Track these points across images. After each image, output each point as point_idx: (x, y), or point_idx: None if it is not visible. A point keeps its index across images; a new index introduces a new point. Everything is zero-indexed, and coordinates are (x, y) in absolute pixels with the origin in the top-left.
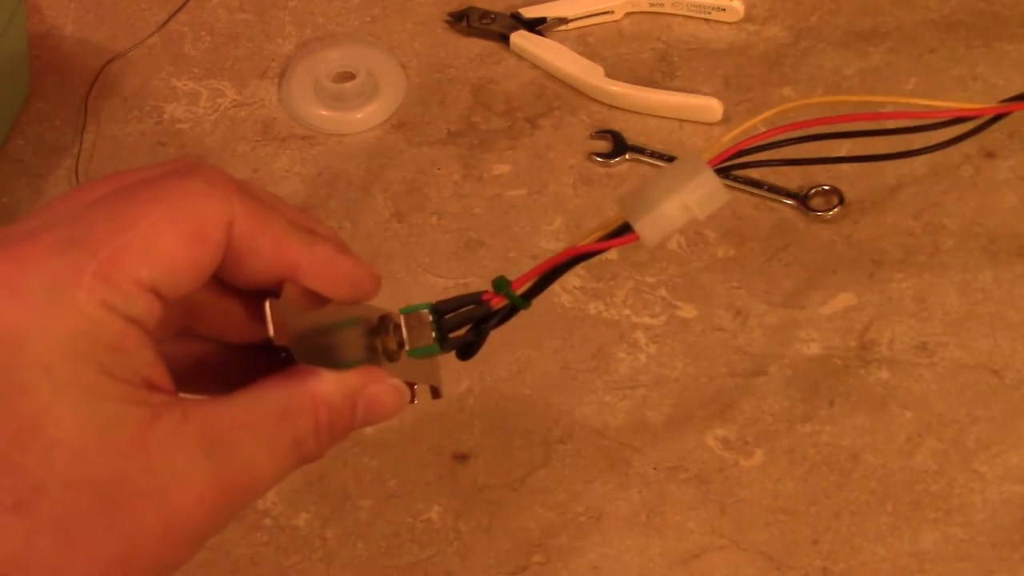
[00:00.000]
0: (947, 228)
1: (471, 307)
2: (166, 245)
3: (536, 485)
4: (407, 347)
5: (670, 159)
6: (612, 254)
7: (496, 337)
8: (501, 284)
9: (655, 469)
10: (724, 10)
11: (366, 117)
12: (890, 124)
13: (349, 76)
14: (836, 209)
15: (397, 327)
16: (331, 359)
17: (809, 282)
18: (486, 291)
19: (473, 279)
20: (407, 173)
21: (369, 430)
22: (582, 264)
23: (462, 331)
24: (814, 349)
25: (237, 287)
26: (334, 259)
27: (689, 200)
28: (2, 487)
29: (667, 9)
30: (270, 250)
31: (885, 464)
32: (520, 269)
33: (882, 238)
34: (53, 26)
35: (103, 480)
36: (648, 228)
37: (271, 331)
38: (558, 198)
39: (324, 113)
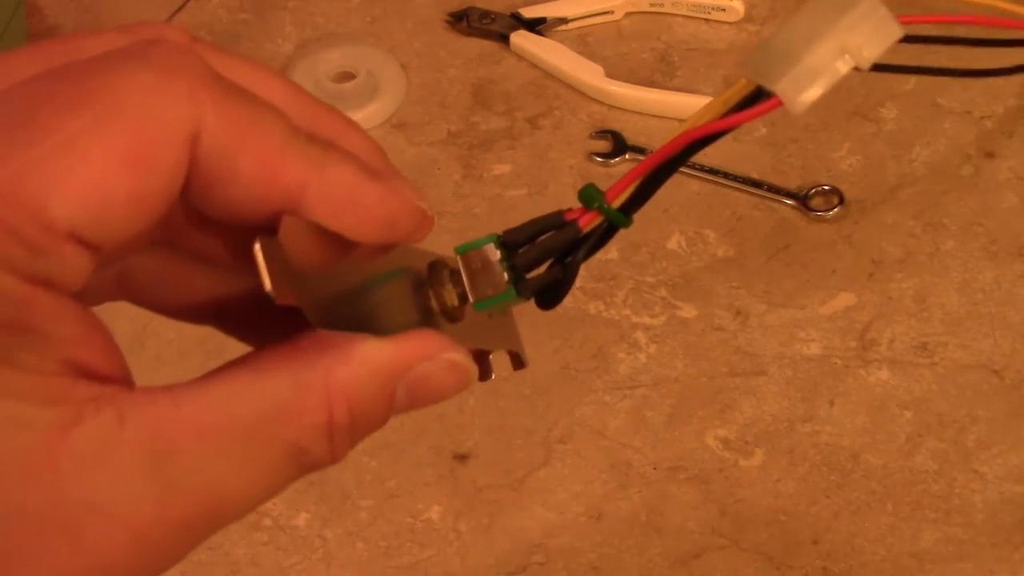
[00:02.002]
0: (947, 228)
1: (552, 233)
2: (91, 169)
3: (536, 485)
4: (471, 299)
5: None
6: (612, 253)
7: None
8: (591, 195)
9: (655, 469)
10: (724, 10)
11: (366, 117)
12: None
13: (349, 76)
14: (836, 209)
15: (455, 273)
16: (365, 326)
17: (809, 282)
18: (569, 208)
19: None
20: (407, 173)
21: None
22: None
23: (542, 269)
24: (814, 349)
25: (218, 221)
26: (355, 185)
27: (848, 40)
28: None
29: (667, 9)
30: (256, 173)
31: (885, 464)
32: None
33: (882, 238)
34: (53, 26)
35: None
36: (792, 88)
37: (267, 284)
38: (558, 198)
39: None
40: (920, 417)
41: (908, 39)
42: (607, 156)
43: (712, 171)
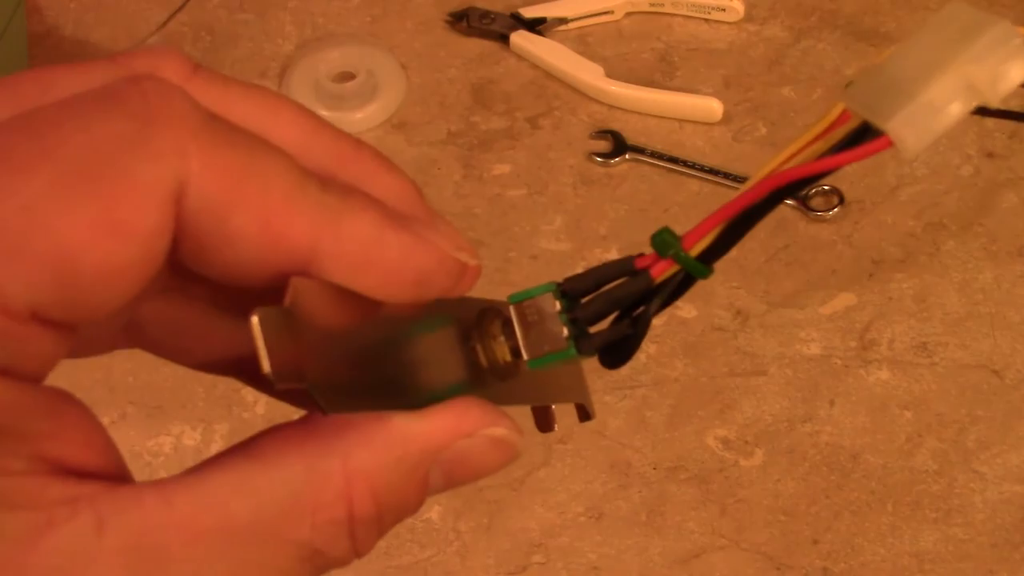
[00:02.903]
0: (947, 228)
1: (620, 282)
2: (53, 239)
3: (536, 485)
4: (525, 356)
5: (670, 159)
6: (612, 253)
7: None
8: (667, 241)
9: (655, 469)
10: (724, 10)
11: (366, 117)
12: None
13: (349, 76)
14: (836, 209)
15: (508, 324)
16: (397, 392)
17: (809, 282)
18: (640, 254)
19: None
20: (407, 173)
21: None
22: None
23: (607, 321)
24: (814, 349)
25: (219, 283)
26: (375, 238)
27: (975, 73)
28: None
29: (667, 9)
30: (256, 232)
31: (885, 464)
32: (520, 269)
33: (882, 238)
34: (53, 26)
35: None
36: (906, 127)
37: (265, 366)
38: (558, 198)
39: (324, 113)
40: (920, 417)
41: None
42: (607, 156)
43: (712, 171)
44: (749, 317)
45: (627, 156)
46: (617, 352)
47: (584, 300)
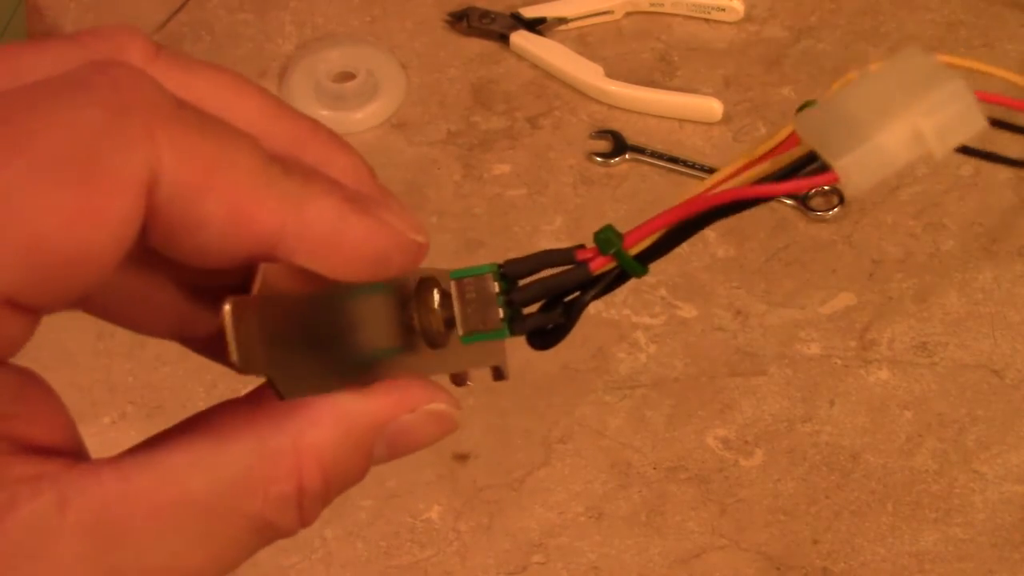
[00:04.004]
0: (947, 228)
1: (559, 271)
2: (27, 226)
3: (536, 485)
4: (460, 332)
5: (670, 159)
6: None
7: None
8: (609, 239)
9: (655, 469)
10: (724, 10)
11: (366, 117)
12: None
13: (349, 76)
14: (836, 209)
15: (445, 296)
16: (340, 359)
17: (809, 282)
18: (581, 246)
19: None
20: (407, 173)
21: None
22: None
23: (539, 305)
24: (814, 349)
25: (186, 266)
26: (338, 222)
27: (925, 124)
28: None
29: (667, 9)
30: (225, 218)
31: (885, 464)
32: None
33: (882, 238)
34: (53, 26)
35: None
36: (855, 168)
37: (233, 355)
38: (558, 198)
39: (324, 113)
40: (920, 417)
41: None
42: (607, 156)
43: (712, 171)
44: (749, 317)
45: (627, 156)
46: (547, 336)
47: (522, 283)
